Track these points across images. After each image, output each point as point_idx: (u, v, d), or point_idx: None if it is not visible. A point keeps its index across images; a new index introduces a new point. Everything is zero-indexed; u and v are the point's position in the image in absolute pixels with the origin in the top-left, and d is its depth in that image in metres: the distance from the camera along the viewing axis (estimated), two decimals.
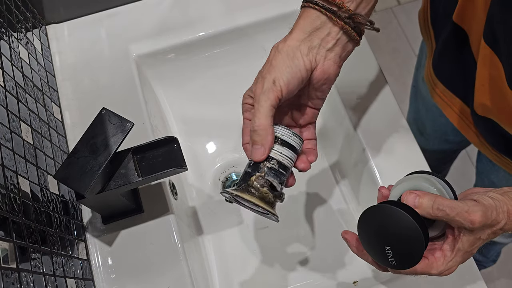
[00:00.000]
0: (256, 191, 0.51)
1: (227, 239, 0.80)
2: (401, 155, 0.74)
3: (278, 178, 0.52)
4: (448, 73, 0.77)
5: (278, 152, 0.52)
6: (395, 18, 1.95)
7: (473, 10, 0.63)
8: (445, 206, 0.48)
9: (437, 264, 0.52)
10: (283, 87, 0.51)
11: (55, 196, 0.62)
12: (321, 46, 0.52)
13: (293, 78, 0.51)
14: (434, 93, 0.81)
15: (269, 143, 0.51)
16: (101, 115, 0.58)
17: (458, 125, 0.79)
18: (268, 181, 0.51)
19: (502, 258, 1.44)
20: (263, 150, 0.51)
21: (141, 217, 0.69)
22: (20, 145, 0.57)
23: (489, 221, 0.49)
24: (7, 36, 0.64)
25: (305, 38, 0.52)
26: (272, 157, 0.51)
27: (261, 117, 0.50)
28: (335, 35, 0.52)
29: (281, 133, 0.52)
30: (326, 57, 0.53)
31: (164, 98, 0.87)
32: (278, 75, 0.51)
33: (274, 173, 0.51)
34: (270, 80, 0.51)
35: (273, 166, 0.51)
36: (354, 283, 0.72)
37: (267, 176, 0.51)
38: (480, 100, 0.66)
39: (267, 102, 0.50)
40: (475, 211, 0.48)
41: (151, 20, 0.85)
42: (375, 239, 0.51)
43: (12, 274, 0.46)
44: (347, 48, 0.54)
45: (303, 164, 0.54)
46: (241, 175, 0.53)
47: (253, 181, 0.51)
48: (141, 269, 0.66)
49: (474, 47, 0.67)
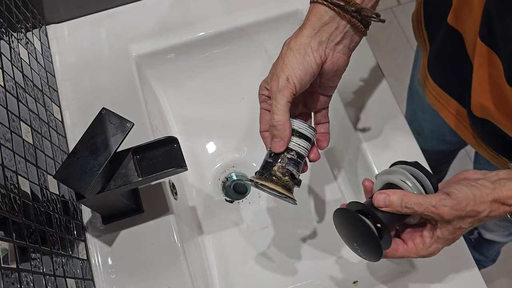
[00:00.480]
0: (279, 180, 0.56)
1: (227, 239, 0.80)
2: (400, 153, 0.74)
3: (297, 167, 0.57)
4: (444, 75, 0.77)
5: (296, 144, 0.57)
6: (395, 18, 1.95)
7: (468, 10, 0.63)
8: (412, 203, 0.52)
9: (417, 250, 0.55)
10: (296, 84, 0.55)
11: (55, 196, 0.62)
12: (329, 40, 0.56)
13: (305, 74, 0.55)
14: (430, 95, 0.81)
15: (287, 137, 0.56)
16: (101, 115, 0.58)
17: (455, 126, 0.79)
18: (289, 171, 0.56)
19: (502, 258, 1.44)
20: (282, 143, 0.56)
21: (141, 217, 0.69)
22: (20, 145, 0.57)
23: (464, 212, 0.51)
24: (7, 36, 0.64)
25: (315, 34, 0.55)
26: (291, 148, 0.57)
27: (279, 114, 0.55)
28: (343, 29, 0.56)
29: (299, 126, 0.57)
30: (335, 50, 0.57)
31: (164, 98, 0.87)
32: (292, 73, 0.55)
33: (294, 163, 0.57)
34: (284, 78, 0.55)
35: (292, 157, 0.57)
36: (354, 283, 0.72)
37: (287, 166, 0.56)
38: (478, 100, 0.66)
39: (283, 99, 0.55)
40: (443, 205, 0.51)
41: (151, 20, 0.85)
42: (346, 236, 0.57)
43: (12, 274, 0.46)
44: (354, 39, 0.57)
45: (313, 155, 0.59)
46: (262, 163, 0.58)
47: (276, 171, 0.56)
48: (141, 269, 0.66)
49: (470, 48, 0.67)
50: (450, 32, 0.69)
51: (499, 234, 1.13)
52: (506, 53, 0.57)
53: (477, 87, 0.65)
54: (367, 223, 0.53)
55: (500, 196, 0.52)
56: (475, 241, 1.24)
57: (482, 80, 0.63)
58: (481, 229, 1.15)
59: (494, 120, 0.66)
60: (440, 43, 0.74)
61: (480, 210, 0.52)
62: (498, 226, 1.09)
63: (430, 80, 0.80)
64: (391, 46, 1.90)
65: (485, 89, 0.63)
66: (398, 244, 0.56)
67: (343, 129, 0.79)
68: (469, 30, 0.65)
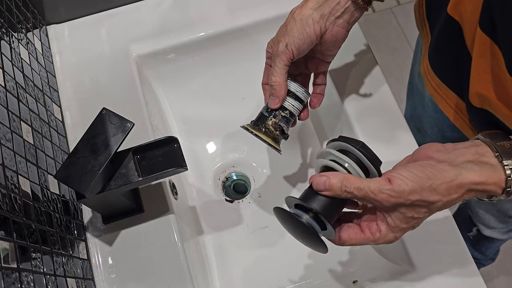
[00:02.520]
0: (271, 132, 0.64)
1: (227, 239, 0.80)
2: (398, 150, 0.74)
3: (287, 124, 0.65)
4: (443, 67, 0.78)
5: (291, 104, 0.64)
6: (395, 18, 1.95)
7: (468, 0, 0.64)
8: (352, 187, 0.50)
9: (374, 238, 0.53)
10: (294, 50, 0.61)
11: (56, 196, 0.62)
12: (331, 14, 0.61)
13: (303, 43, 0.61)
14: (430, 87, 0.82)
15: (282, 96, 0.63)
16: (101, 115, 0.58)
17: (454, 119, 0.79)
18: (280, 126, 0.64)
19: (501, 257, 1.44)
20: (277, 101, 0.63)
21: (142, 217, 0.69)
22: (21, 145, 0.57)
23: (408, 201, 0.49)
24: (8, 36, 0.64)
25: (318, 7, 0.61)
26: (286, 107, 0.64)
27: (277, 75, 0.62)
28: (344, 4, 0.61)
29: (296, 90, 0.64)
30: (335, 23, 0.62)
31: (164, 98, 0.87)
32: (291, 40, 0.61)
33: (286, 120, 0.65)
34: (283, 44, 0.61)
35: (285, 115, 0.64)
36: (354, 283, 0.72)
37: (280, 122, 0.64)
38: (476, 90, 0.66)
39: (281, 63, 0.61)
40: (381, 192, 0.49)
41: (151, 20, 0.85)
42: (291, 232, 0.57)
43: (13, 274, 0.46)
44: (355, 15, 0.62)
45: (303, 114, 0.67)
46: (258, 114, 0.65)
47: (270, 125, 0.64)
48: (142, 269, 0.66)
49: (469, 39, 0.67)
50: (449, 22, 0.69)
51: (499, 231, 1.13)
52: (507, 43, 0.57)
53: (475, 77, 0.65)
54: (302, 221, 0.52)
55: (466, 182, 0.49)
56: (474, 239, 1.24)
57: (481, 70, 0.63)
58: (480, 225, 1.15)
59: (493, 110, 0.66)
60: (439, 33, 0.74)
61: (432, 200, 0.49)
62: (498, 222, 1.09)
63: (431, 71, 0.80)
64: (390, 46, 1.90)
65: (484, 79, 0.63)
66: (356, 232, 0.54)
67: (342, 126, 0.79)
68: (468, 20, 0.65)
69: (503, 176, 0.49)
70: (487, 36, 0.60)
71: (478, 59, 0.63)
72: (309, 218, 0.52)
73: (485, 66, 0.62)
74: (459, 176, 0.49)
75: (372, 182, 0.50)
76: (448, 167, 0.50)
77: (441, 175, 0.49)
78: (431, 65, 0.79)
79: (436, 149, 0.53)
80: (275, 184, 0.84)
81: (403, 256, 0.69)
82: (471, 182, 0.49)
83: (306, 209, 0.53)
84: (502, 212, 1.05)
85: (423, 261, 0.68)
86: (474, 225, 1.18)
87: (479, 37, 0.61)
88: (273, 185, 0.84)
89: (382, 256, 0.73)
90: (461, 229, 0.71)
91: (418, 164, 0.51)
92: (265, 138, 0.64)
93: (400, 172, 0.50)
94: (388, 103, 0.78)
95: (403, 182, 0.49)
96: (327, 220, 0.52)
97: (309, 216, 0.52)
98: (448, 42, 0.73)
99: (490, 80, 0.63)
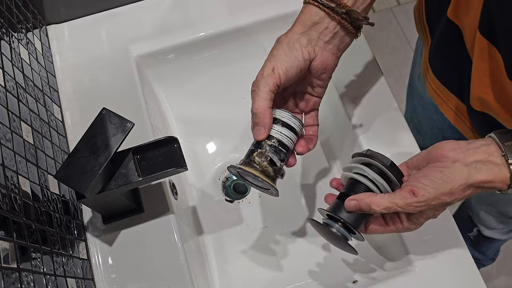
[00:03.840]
0: (258, 165, 0.57)
1: (227, 239, 0.80)
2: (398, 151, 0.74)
3: (278, 155, 0.57)
4: (443, 70, 0.78)
5: (278, 132, 0.57)
6: (395, 18, 1.95)
7: (468, 4, 0.64)
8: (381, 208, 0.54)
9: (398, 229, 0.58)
10: (281, 74, 0.56)
11: (56, 196, 0.62)
12: (319, 39, 0.58)
13: (291, 67, 0.56)
14: (430, 89, 0.82)
15: (267, 124, 0.56)
16: (101, 115, 0.58)
17: (454, 121, 0.79)
18: (268, 157, 0.57)
19: (501, 257, 1.44)
20: (263, 130, 0.56)
21: (142, 217, 0.69)
22: (21, 145, 0.57)
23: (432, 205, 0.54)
24: (8, 36, 0.64)
25: (305, 31, 0.57)
26: (272, 136, 0.57)
27: (260, 101, 0.55)
28: (333, 29, 0.57)
29: (281, 116, 0.58)
30: (325, 48, 0.58)
31: (164, 98, 0.87)
32: (278, 64, 0.56)
33: (274, 150, 0.57)
34: (270, 68, 0.56)
35: (273, 144, 0.57)
36: (354, 282, 0.72)
37: (267, 152, 0.57)
38: (477, 94, 0.66)
39: (266, 88, 0.55)
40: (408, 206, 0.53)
41: (151, 20, 0.85)
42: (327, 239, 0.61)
43: (13, 274, 0.46)
44: (344, 40, 0.59)
45: (301, 148, 0.60)
46: (246, 153, 0.59)
47: (255, 156, 0.57)
48: (142, 269, 0.66)
49: (469, 42, 0.67)
50: (449, 26, 0.69)
51: (499, 232, 1.13)
52: (507, 46, 0.57)
53: (476, 81, 0.65)
54: (333, 230, 0.57)
55: (475, 182, 0.54)
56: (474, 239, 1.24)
57: (481, 74, 0.64)
58: (481, 226, 1.15)
59: (494, 114, 0.66)
60: (439, 37, 0.74)
61: (450, 201, 0.54)
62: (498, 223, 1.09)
63: (431, 73, 0.80)
64: (390, 46, 1.90)
65: (484, 83, 0.64)
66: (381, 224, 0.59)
67: (342, 127, 0.79)
68: (468, 24, 0.65)
69: (508, 174, 0.54)
70: (486, 40, 0.60)
71: (478, 63, 0.63)
72: (339, 227, 0.57)
73: (485, 70, 0.63)
74: (471, 178, 0.53)
75: (398, 198, 0.54)
76: (462, 166, 0.54)
77: (456, 177, 0.54)
78: (432, 68, 0.79)
79: (451, 147, 0.56)
80: None
81: (403, 256, 0.69)
82: (480, 181, 0.54)
83: (336, 219, 0.58)
84: (503, 213, 1.05)
85: (423, 261, 0.68)
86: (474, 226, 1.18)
87: (478, 41, 0.61)
88: None
89: (382, 256, 0.73)
90: (462, 229, 0.71)
91: (435, 168, 0.55)
92: (253, 171, 0.56)
93: (422, 181, 0.54)
94: (388, 103, 0.78)
95: (426, 191, 0.53)
96: (355, 227, 0.57)
97: (339, 226, 0.58)
98: (448, 45, 0.73)
99: (490, 84, 0.63)
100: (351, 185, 0.58)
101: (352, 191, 0.58)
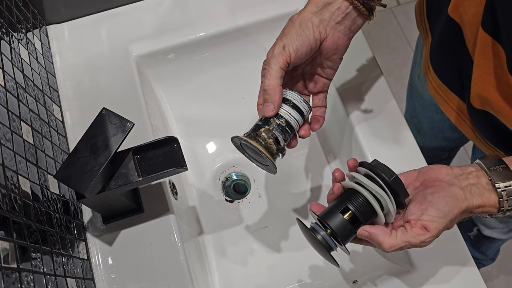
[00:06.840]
0: (263, 140, 0.58)
1: (227, 239, 0.80)
2: (398, 150, 0.74)
3: (283, 134, 0.59)
4: (444, 68, 0.78)
5: (287, 112, 0.59)
6: (395, 18, 1.95)
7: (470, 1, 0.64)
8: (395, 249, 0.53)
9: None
10: (292, 52, 0.57)
11: (56, 196, 0.62)
12: (331, 19, 0.58)
13: (301, 45, 0.57)
14: (431, 87, 0.81)
15: (277, 101, 0.57)
16: (101, 115, 0.58)
17: (455, 120, 0.79)
18: (274, 135, 0.58)
19: (501, 257, 1.44)
20: (272, 107, 0.57)
21: (142, 216, 0.69)
22: (21, 145, 0.57)
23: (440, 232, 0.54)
24: (8, 36, 0.64)
25: (317, 11, 0.58)
26: (281, 115, 0.58)
27: (271, 78, 0.57)
28: (345, 10, 0.58)
29: (293, 98, 0.59)
30: (336, 29, 0.59)
31: (164, 98, 0.87)
32: (289, 42, 0.57)
33: (281, 129, 0.58)
34: (280, 46, 0.57)
35: (281, 123, 0.58)
36: (354, 283, 0.72)
37: (274, 130, 0.58)
38: (478, 91, 0.66)
39: (276, 65, 0.57)
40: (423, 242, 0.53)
41: (151, 20, 0.85)
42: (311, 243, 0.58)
43: (13, 274, 0.46)
44: (356, 22, 0.59)
45: (304, 131, 0.61)
46: (252, 126, 0.60)
47: (262, 132, 0.58)
48: (142, 269, 0.66)
49: (469, 41, 0.67)
50: (450, 24, 0.69)
51: (499, 231, 1.13)
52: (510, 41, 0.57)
53: (477, 79, 0.65)
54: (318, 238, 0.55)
55: (470, 206, 0.54)
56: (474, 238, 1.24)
57: (483, 72, 0.63)
58: (481, 225, 1.15)
59: (494, 112, 0.66)
60: (439, 34, 0.74)
61: (452, 225, 0.55)
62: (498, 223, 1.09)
63: (432, 72, 0.80)
64: (390, 46, 1.90)
65: (486, 80, 0.63)
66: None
67: (342, 127, 0.79)
68: (469, 21, 0.65)
69: (496, 198, 0.54)
70: (489, 35, 0.60)
71: (480, 60, 0.63)
72: (325, 236, 0.55)
73: (487, 67, 0.62)
74: (467, 202, 0.54)
75: (411, 237, 0.53)
76: (460, 191, 0.54)
77: (457, 203, 0.54)
78: (433, 66, 0.79)
79: (445, 172, 0.56)
80: (275, 184, 0.84)
81: (403, 256, 0.69)
82: (473, 206, 0.55)
83: (325, 226, 0.55)
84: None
85: (423, 261, 0.68)
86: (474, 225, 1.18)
87: (481, 37, 0.61)
88: (273, 185, 0.84)
89: (382, 256, 0.73)
90: (461, 229, 0.71)
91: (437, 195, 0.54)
92: (257, 145, 0.57)
93: (431, 214, 0.53)
94: (388, 103, 0.78)
95: (437, 223, 0.53)
96: (342, 241, 0.55)
97: (325, 234, 0.55)
98: (448, 43, 0.73)
99: (492, 81, 0.63)
100: (351, 195, 0.55)
101: (350, 201, 0.55)
